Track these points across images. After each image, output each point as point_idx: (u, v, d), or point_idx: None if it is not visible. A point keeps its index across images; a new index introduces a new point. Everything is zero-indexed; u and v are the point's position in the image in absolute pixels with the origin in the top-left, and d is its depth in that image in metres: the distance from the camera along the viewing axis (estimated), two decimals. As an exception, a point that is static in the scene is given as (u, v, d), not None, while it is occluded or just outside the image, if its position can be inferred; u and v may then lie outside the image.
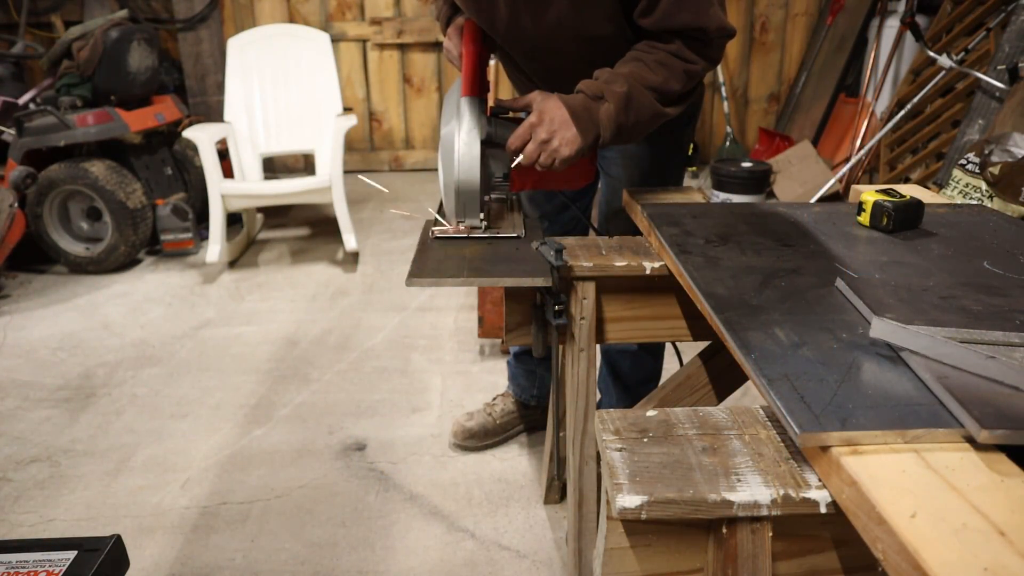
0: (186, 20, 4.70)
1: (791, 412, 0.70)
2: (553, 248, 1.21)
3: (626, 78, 1.30)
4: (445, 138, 1.34)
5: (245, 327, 2.91)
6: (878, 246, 1.18)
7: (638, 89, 1.30)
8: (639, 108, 1.31)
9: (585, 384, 1.38)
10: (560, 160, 1.29)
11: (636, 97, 1.30)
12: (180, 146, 3.95)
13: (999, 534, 0.56)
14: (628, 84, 1.29)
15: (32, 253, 3.50)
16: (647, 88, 1.31)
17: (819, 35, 4.88)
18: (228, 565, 1.70)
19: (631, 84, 1.29)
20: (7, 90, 3.68)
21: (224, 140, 3.59)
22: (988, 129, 2.89)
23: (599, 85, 1.30)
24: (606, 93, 1.29)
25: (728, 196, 4.10)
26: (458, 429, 2.08)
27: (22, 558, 0.92)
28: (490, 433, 2.09)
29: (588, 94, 1.29)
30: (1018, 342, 0.80)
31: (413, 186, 4.90)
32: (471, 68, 1.38)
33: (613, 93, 1.29)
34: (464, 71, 1.38)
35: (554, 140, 1.28)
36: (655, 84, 1.31)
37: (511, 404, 2.12)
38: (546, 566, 1.69)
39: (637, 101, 1.30)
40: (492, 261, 1.29)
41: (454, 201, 1.34)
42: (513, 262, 1.28)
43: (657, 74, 1.31)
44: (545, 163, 1.30)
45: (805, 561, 0.77)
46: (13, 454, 2.12)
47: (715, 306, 0.94)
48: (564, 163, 1.29)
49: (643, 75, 1.31)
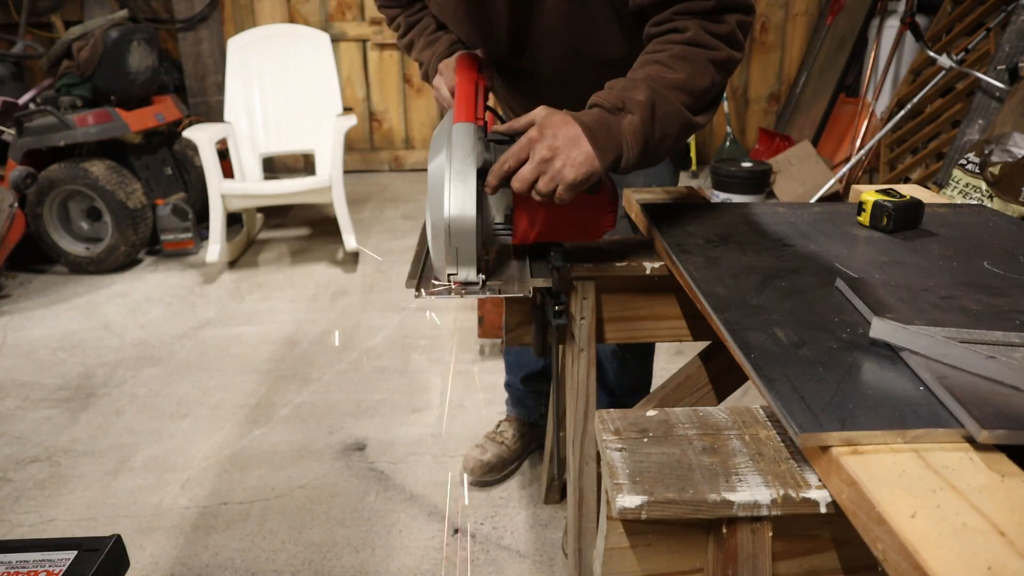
0: (186, 20, 4.70)
1: (791, 412, 0.70)
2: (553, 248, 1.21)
3: (646, 82, 1.07)
4: (434, 173, 1.06)
5: (245, 327, 2.91)
6: (878, 246, 1.18)
7: (662, 95, 1.07)
8: (666, 118, 1.07)
9: (585, 384, 1.38)
10: (564, 186, 1.02)
11: (661, 105, 1.06)
12: (180, 146, 3.95)
13: (999, 534, 0.56)
14: (650, 90, 1.06)
15: (32, 253, 3.50)
16: (673, 90, 1.08)
17: (819, 35, 4.88)
18: (228, 565, 1.70)
19: (653, 89, 1.06)
20: (7, 90, 3.68)
21: (224, 140, 3.59)
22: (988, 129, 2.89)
23: (616, 94, 1.06)
24: (627, 103, 1.05)
25: (728, 196, 4.10)
26: (475, 465, 1.94)
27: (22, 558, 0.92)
28: (507, 462, 1.99)
29: (605, 107, 1.06)
30: (1018, 342, 0.80)
31: (413, 186, 4.90)
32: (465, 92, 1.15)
33: (635, 102, 1.05)
34: (457, 96, 1.15)
35: (557, 160, 1.01)
36: (680, 83, 1.08)
37: (519, 427, 2.03)
38: (546, 566, 1.69)
39: (663, 109, 1.07)
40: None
41: (444, 249, 1.05)
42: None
43: (680, 71, 1.09)
44: (545, 190, 1.02)
45: (805, 561, 0.77)
46: (13, 454, 2.12)
47: (715, 306, 0.94)
48: (568, 190, 1.02)
49: (664, 76, 1.08)
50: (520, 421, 2.04)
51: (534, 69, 1.35)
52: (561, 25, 1.24)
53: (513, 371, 2.01)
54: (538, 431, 2.06)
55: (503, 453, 1.98)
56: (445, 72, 1.32)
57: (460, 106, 1.11)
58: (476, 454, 1.97)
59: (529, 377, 1.97)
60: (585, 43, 1.28)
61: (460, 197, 1.03)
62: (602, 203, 1.14)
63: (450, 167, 1.04)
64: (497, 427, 2.05)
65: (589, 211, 1.14)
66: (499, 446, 1.99)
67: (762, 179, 4.12)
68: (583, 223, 1.17)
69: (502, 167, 1.03)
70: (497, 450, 1.98)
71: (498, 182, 1.05)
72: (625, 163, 1.07)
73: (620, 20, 1.24)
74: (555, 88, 1.36)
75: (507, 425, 2.04)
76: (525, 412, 2.04)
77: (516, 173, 1.03)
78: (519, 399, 2.04)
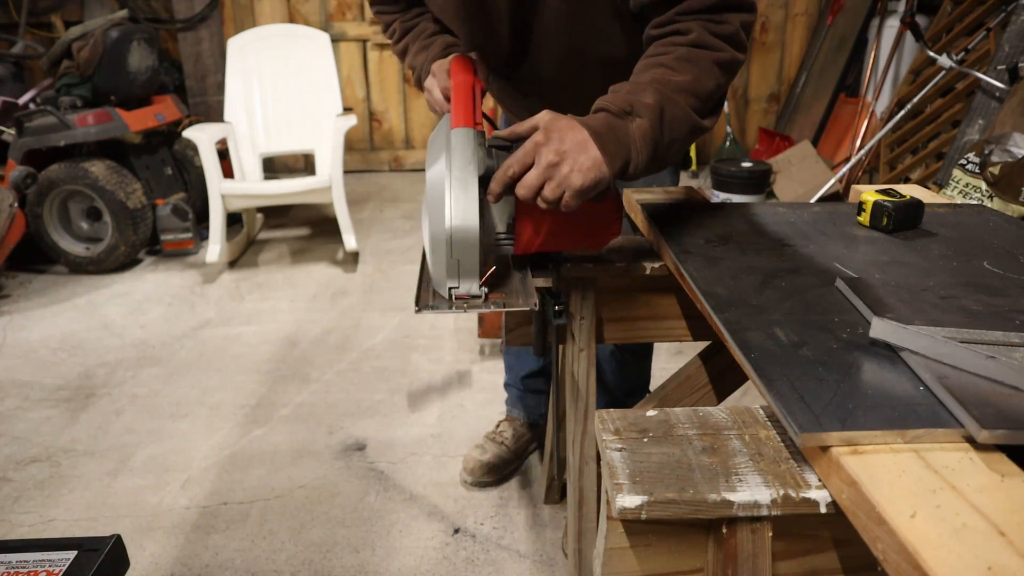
0: (186, 20, 4.70)
1: (791, 412, 0.70)
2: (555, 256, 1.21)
3: (652, 86, 1.04)
4: (432, 181, 1.01)
5: (245, 327, 2.91)
6: (878, 246, 1.18)
7: (670, 98, 1.03)
8: (674, 122, 1.04)
9: (585, 384, 1.38)
10: (571, 192, 0.97)
11: (670, 108, 1.03)
12: (180, 146, 3.95)
13: (999, 534, 0.56)
14: (658, 93, 1.03)
15: (32, 253, 3.50)
16: (680, 92, 1.05)
17: (819, 35, 4.88)
18: (228, 565, 1.70)
19: (661, 92, 1.03)
20: (7, 90, 3.68)
21: (224, 140, 3.60)
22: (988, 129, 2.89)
23: (623, 98, 1.03)
24: (635, 107, 1.01)
25: (728, 196, 4.10)
26: (474, 465, 1.94)
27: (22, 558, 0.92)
28: (508, 462, 1.99)
29: (612, 111, 1.02)
30: (1018, 342, 0.80)
31: (413, 186, 4.90)
32: (463, 96, 1.09)
33: (643, 106, 1.02)
34: (454, 100, 1.09)
35: (564, 165, 0.97)
36: (687, 86, 1.05)
37: (519, 427, 2.03)
38: (546, 566, 1.69)
39: (671, 113, 1.04)
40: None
41: (444, 261, 1.00)
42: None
43: (686, 73, 1.06)
44: (552, 197, 0.97)
45: (805, 561, 0.77)
46: (13, 454, 2.12)
47: (715, 306, 0.94)
48: (576, 197, 0.97)
49: (670, 78, 1.05)
50: (520, 421, 2.04)
51: (535, 70, 1.34)
52: (562, 25, 1.22)
53: (512, 371, 2.01)
54: (538, 431, 2.06)
55: (503, 453, 1.98)
56: (438, 73, 1.28)
57: (458, 110, 1.06)
58: (476, 454, 1.97)
59: (528, 376, 1.97)
60: (586, 43, 1.26)
61: (462, 206, 0.98)
62: (608, 211, 1.10)
63: (450, 174, 0.99)
64: (497, 427, 2.05)
65: (594, 219, 1.09)
66: (499, 446, 1.99)
67: (762, 179, 4.12)
68: (588, 232, 1.11)
69: (506, 173, 0.98)
70: (497, 450, 1.98)
71: (502, 189, 0.99)
72: (634, 168, 1.03)
73: (621, 20, 1.22)
74: (556, 89, 1.34)
75: (507, 425, 2.04)
76: (524, 412, 2.04)
77: (521, 179, 0.98)
78: (518, 399, 2.04)
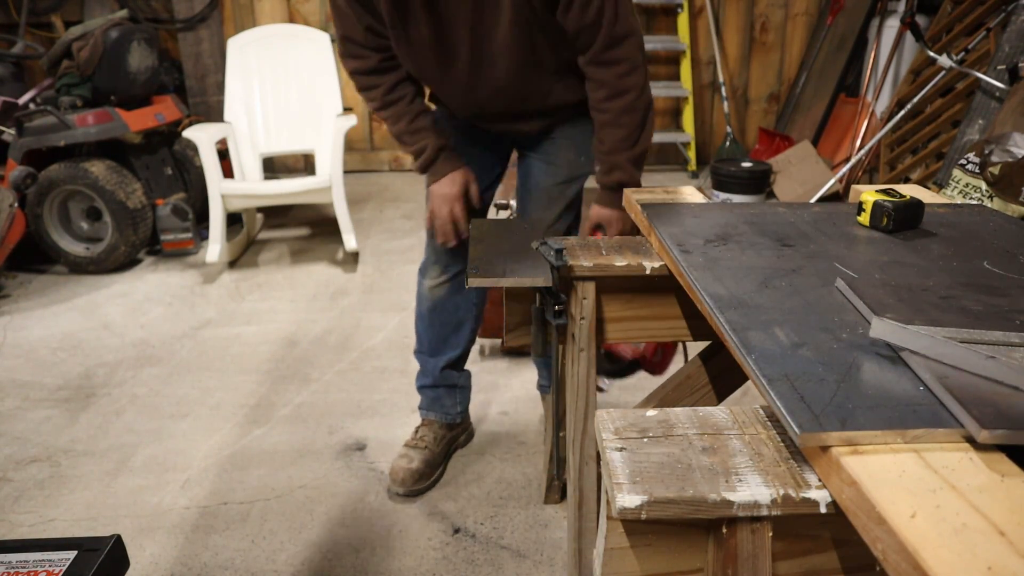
0: (186, 20, 4.70)
1: (791, 412, 0.70)
2: (553, 248, 1.21)
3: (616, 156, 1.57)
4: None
5: (245, 327, 2.91)
6: (878, 246, 1.18)
7: (633, 153, 1.57)
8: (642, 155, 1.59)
9: (585, 384, 1.38)
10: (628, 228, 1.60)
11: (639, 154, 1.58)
12: (180, 146, 3.95)
13: (999, 534, 0.56)
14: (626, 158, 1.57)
15: (32, 253, 3.49)
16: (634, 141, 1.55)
17: (819, 35, 4.88)
18: (228, 565, 1.70)
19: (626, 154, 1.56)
20: (7, 90, 3.68)
21: (224, 140, 3.59)
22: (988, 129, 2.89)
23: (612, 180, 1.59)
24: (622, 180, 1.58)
25: (728, 196, 4.10)
26: (405, 476, 1.90)
27: (22, 558, 0.92)
28: (436, 465, 1.97)
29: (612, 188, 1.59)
30: (1018, 342, 0.80)
31: (413, 186, 4.90)
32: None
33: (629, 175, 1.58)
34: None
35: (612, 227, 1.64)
36: (634, 133, 1.54)
37: (438, 429, 2.01)
38: (546, 566, 1.69)
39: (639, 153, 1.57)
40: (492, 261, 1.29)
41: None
42: (514, 262, 1.29)
43: (627, 123, 1.53)
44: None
45: (805, 561, 0.77)
46: (13, 454, 2.12)
47: (715, 306, 0.94)
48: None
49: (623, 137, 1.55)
50: (438, 423, 2.02)
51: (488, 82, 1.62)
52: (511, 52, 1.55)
53: (426, 371, 2.00)
54: (456, 430, 2.06)
55: (429, 457, 1.96)
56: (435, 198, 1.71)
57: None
58: (403, 464, 1.92)
59: (443, 370, 1.96)
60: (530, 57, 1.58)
61: None
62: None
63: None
64: (416, 433, 2.01)
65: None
66: (423, 451, 1.96)
67: (762, 179, 4.12)
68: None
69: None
70: (423, 455, 1.95)
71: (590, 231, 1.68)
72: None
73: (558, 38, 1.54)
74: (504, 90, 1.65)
75: (425, 430, 2.01)
76: (442, 413, 2.02)
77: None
78: (436, 397, 2.01)
